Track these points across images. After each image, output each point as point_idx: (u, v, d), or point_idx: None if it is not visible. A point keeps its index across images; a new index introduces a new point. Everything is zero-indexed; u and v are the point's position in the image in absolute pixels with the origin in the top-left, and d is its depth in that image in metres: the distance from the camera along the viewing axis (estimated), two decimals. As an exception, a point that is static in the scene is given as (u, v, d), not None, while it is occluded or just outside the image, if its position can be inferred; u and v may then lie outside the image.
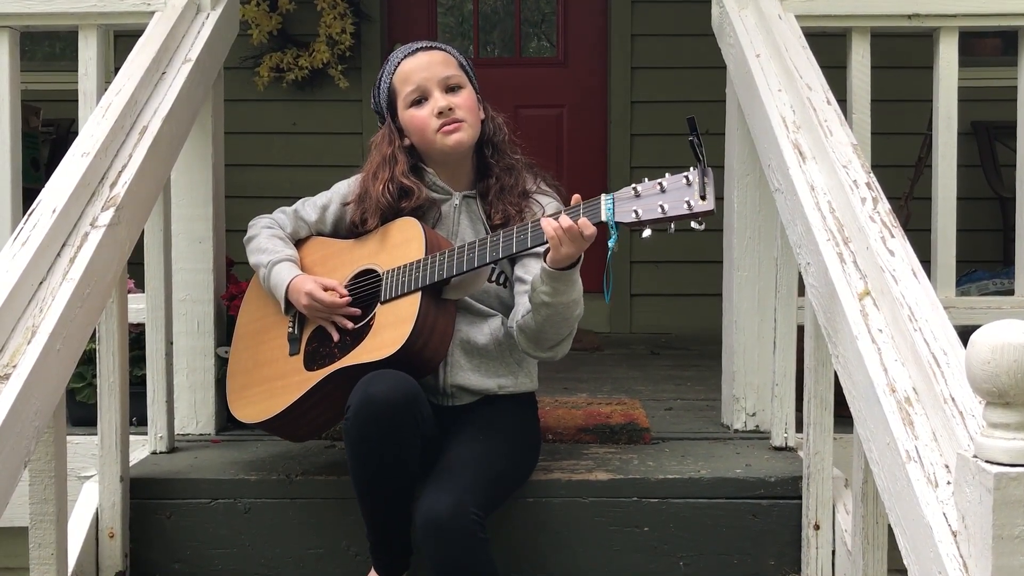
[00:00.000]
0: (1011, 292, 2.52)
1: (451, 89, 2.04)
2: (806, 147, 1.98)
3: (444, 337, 1.94)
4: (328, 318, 2.01)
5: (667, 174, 1.76)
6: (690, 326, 4.44)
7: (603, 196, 1.79)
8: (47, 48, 5.02)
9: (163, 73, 2.21)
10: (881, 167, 2.09)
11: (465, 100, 2.04)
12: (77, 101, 2.37)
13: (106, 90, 2.14)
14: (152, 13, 2.33)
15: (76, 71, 2.37)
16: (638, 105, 4.77)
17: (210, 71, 2.38)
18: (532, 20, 5.14)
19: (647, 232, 1.74)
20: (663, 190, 1.74)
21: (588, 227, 1.77)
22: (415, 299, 1.90)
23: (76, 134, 2.05)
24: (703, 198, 1.70)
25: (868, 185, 1.82)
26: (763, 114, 2.11)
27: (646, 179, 1.77)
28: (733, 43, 2.34)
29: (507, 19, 5.08)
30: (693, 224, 1.74)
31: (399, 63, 2.08)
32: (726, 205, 2.49)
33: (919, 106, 3.24)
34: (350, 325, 1.99)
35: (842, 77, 2.37)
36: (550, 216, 1.81)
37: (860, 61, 2.38)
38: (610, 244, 1.76)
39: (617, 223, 1.76)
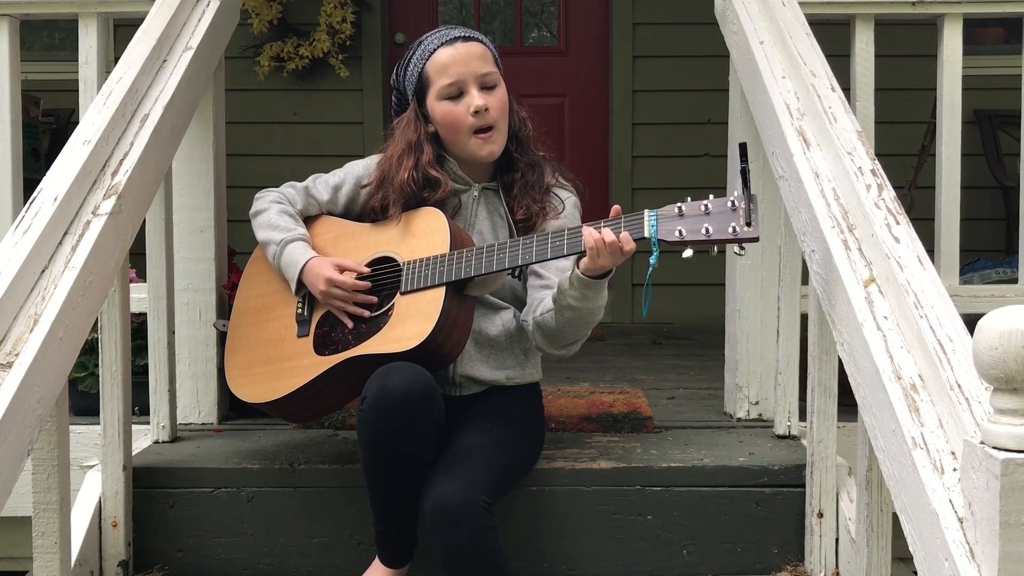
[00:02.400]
0: (1014, 280, 2.52)
1: (487, 87, 2.01)
2: (810, 134, 1.97)
3: (463, 333, 1.93)
4: (344, 308, 1.98)
5: (711, 196, 1.77)
6: (692, 315, 4.43)
7: (646, 212, 1.79)
8: (46, 38, 5.01)
9: (164, 61, 2.20)
10: (884, 156, 2.08)
11: (499, 101, 2.02)
12: (77, 91, 2.36)
13: (106, 79, 2.13)
14: (152, 1, 2.32)
15: (76, 61, 2.36)
16: (640, 94, 4.75)
17: (211, 60, 2.37)
18: (532, 9, 5.12)
19: (688, 252, 1.75)
20: (707, 212, 1.75)
21: (629, 243, 1.77)
22: (439, 294, 1.88)
23: (76, 124, 2.04)
24: (748, 225, 1.72)
25: (873, 172, 1.81)
26: (767, 101, 2.11)
27: (689, 198, 1.78)
28: (736, 30, 2.33)
29: (508, 8, 5.06)
30: (735, 249, 1.77)
31: (435, 50, 2.02)
32: (729, 193, 2.48)
33: (922, 95, 3.24)
34: (367, 314, 1.97)
35: (846, 65, 2.36)
36: (591, 225, 1.80)
37: (864, 48, 2.37)
38: (652, 261, 1.76)
39: (659, 240, 1.76)
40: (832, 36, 2.35)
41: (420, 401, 1.78)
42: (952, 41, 2.38)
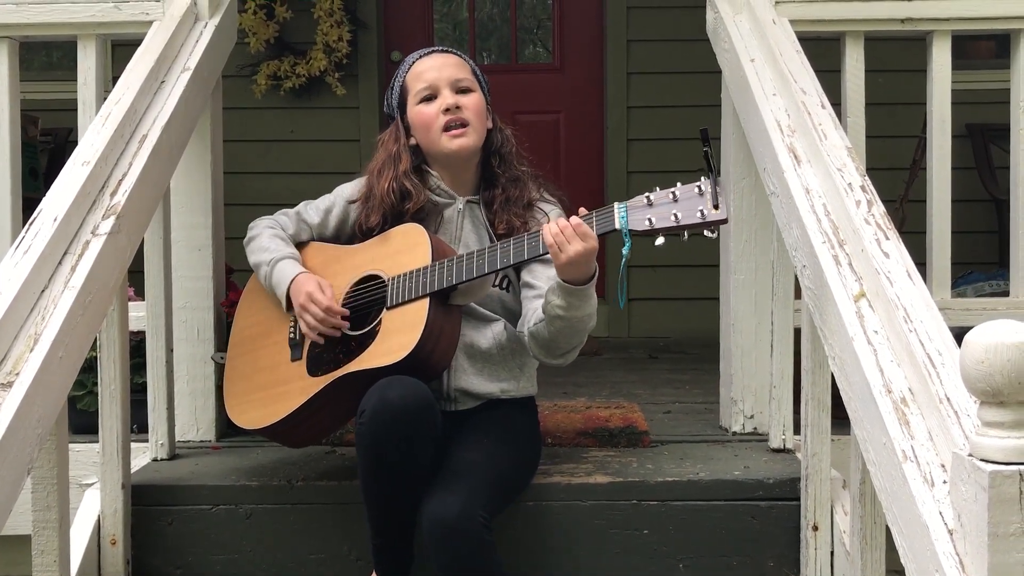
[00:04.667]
0: (1006, 293, 2.53)
1: (461, 91, 2.07)
2: (801, 151, 2.00)
3: (451, 342, 1.95)
4: (315, 327, 1.97)
5: (679, 183, 1.80)
6: (688, 330, 4.45)
7: (616, 204, 1.82)
8: (44, 57, 5.03)
9: (162, 82, 2.22)
10: (876, 170, 2.11)
11: (474, 103, 2.07)
12: (75, 110, 2.37)
13: (105, 99, 2.15)
14: (150, 23, 2.34)
15: (74, 80, 2.38)
16: (634, 110, 4.78)
17: (208, 80, 2.39)
18: (528, 27, 5.15)
19: (660, 240, 1.78)
20: (675, 199, 1.78)
21: (580, 224, 1.78)
22: (423, 304, 1.91)
23: (74, 143, 2.06)
24: (716, 207, 1.75)
25: (863, 188, 1.84)
26: (758, 118, 2.13)
27: (657, 188, 1.81)
28: (728, 48, 2.36)
29: (503, 26, 5.10)
30: (706, 232, 1.79)
31: (414, 62, 2.12)
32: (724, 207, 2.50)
33: (913, 109, 3.25)
34: (338, 333, 1.98)
35: (836, 81, 2.38)
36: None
37: (854, 65, 2.40)
38: (624, 252, 1.78)
39: (631, 231, 1.78)
40: (822, 51, 2.37)
41: (419, 412, 1.79)
42: (941, 57, 2.40)
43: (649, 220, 1.77)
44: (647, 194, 1.80)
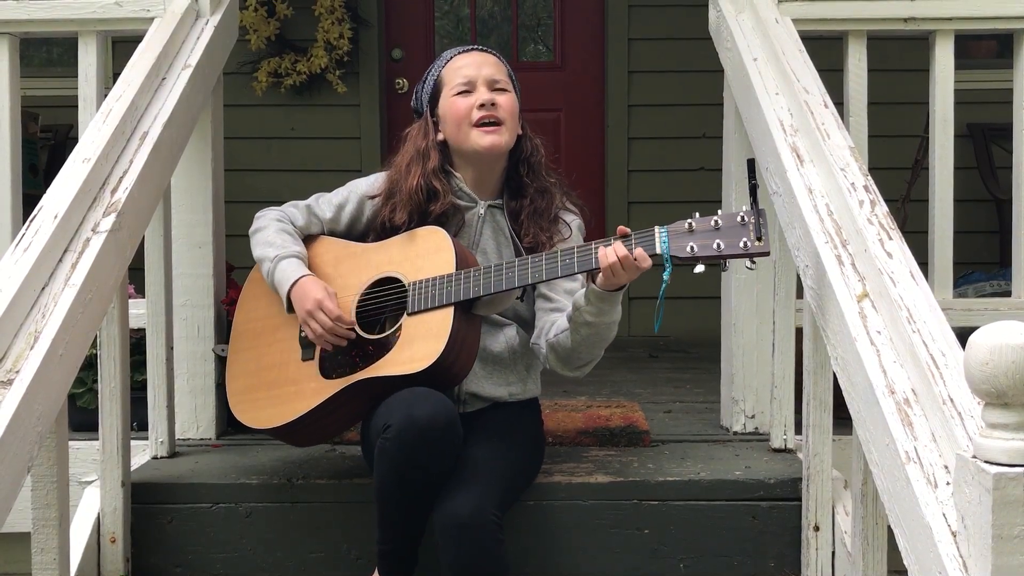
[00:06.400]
0: (1008, 293, 2.53)
1: (497, 91, 2.06)
2: (804, 150, 1.99)
3: (472, 352, 1.93)
4: (322, 335, 1.94)
5: (719, 211, 1.80)
6: (689, 329, 4.44)
7: (657, 228, 1.81)
8: (44, 54, 5.02)
9: (163, 79, 2.22)
10: (878, 170, 2.10)
11: (508, 103, 2.06)
12: (75, 107, 2.37)
13: (106, 96, 2.14)
14: (151, 20, 2.34)
15: (74, 76, 2.38)
16: (635, 109, 4.77)
17: (209, 77, 2.39)
18: (529, 24, 5.15)
19: (700, 268, 1.77)
20: (717, 227, 1.77)
21: (645, 259, 1.78)
22: (448, 314, 1.88)
23: (74, 140, 2.06)
24: (759, 239, 1.74)
25: (866, 188, 1.83)
26: (761, 118, 2.12)
27: (697, 214, 1.80)
28: (730, 47, 2.35)
29: (504, 24, 5.09)
30: (747, 263, 1.79)
31: (452, 57, 2.11)
32: (724, 208, 2.50)
33: (915, 109, 3.25)
34: (343, 343, 1.94)
35: (839, 80, 2.38)
36: (602, 243, 1.82)
37: (857, 64, 2.39)
38: (664, 277, 1.78)
39: (671, 256, 1.78)
40: (825, 50, 2.37)
41: (445, 431, 1.79)
42: (944, 57, 2.40)
43: (691, 248, 1.77)
44: (688, 220, 1.79)
